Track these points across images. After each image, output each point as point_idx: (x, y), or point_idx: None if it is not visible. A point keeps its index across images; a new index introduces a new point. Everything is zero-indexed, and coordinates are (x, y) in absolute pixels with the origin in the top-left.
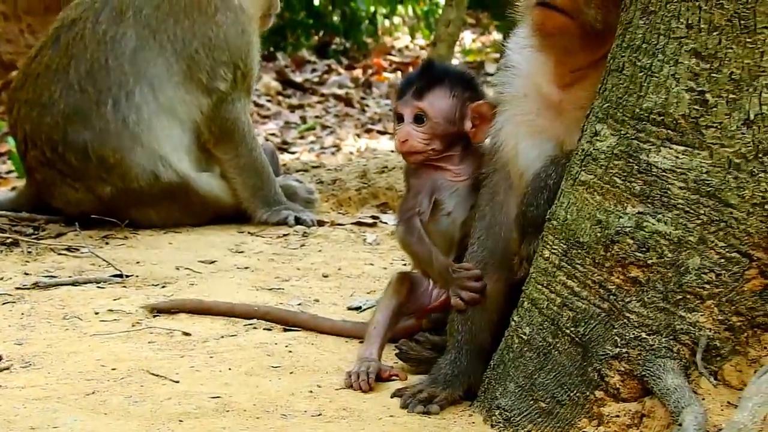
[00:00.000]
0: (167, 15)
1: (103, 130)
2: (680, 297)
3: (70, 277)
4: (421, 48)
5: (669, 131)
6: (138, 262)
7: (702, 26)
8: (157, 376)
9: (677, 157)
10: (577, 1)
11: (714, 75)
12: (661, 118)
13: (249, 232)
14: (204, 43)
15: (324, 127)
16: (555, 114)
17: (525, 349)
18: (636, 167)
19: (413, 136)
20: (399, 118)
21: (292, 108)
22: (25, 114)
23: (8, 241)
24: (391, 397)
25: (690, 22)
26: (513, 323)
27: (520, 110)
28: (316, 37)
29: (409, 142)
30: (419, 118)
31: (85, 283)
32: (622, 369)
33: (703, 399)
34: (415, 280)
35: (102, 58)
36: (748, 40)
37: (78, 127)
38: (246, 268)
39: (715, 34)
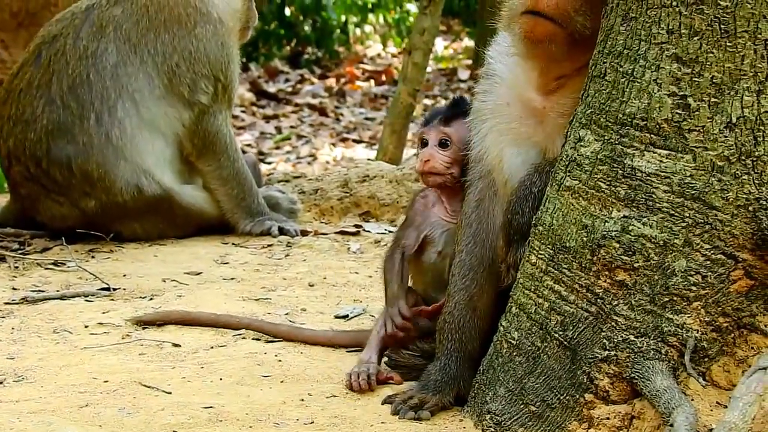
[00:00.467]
0: (147, 30)
1: (87, 145)
2: (667, 299)
3: (57, 291)
4: (393, 56)
5: (652, 136)
6: (125, 275)
7: (683, 31)
8: (149, 387)
9: (661, 161)
10: (566, 8)
11: (695, 79)
12: (644, 122)
13: (233, 243)
14: (184, 56)
15: (299, 136)
16: (538, 121)
17: (514, 353)
18: (620, 172)
19: (436, 158)
20: (423, 143)
21: (267, 118)
22: (8, 130)
23: None
24: (382, 404)
25: (671, 27)
26: (501, 328)
27: (504, 118)
28: (288, 47)
29: (431, 162)
30: (444, 143)
31: (73, 296)
32: (611, 372)
33: (692, 400)
34: (417, 294)
35: (84, 73)
36: (729, 44)
37: (61, 142)
38: (232, 278)
39: (695, 38)
